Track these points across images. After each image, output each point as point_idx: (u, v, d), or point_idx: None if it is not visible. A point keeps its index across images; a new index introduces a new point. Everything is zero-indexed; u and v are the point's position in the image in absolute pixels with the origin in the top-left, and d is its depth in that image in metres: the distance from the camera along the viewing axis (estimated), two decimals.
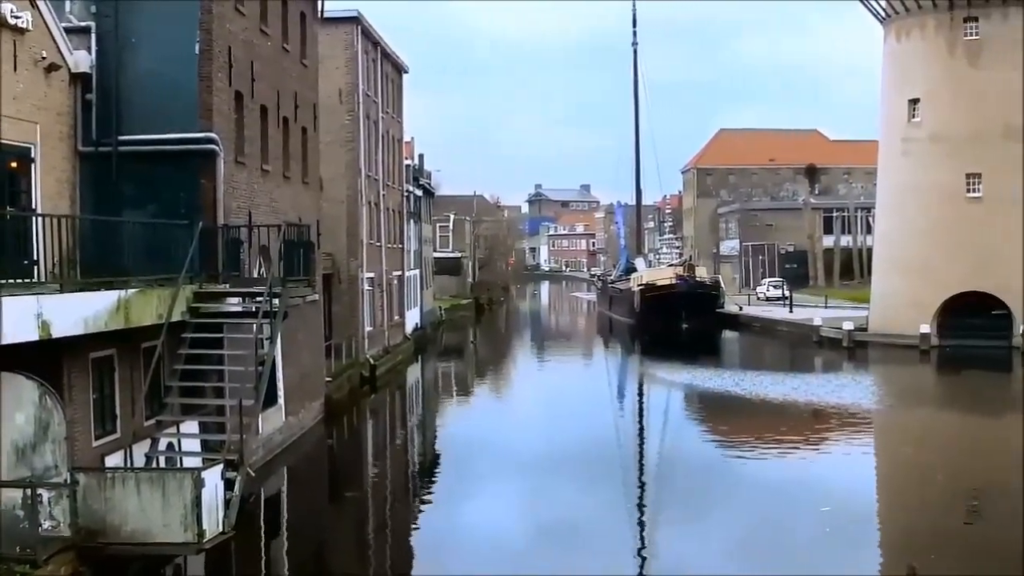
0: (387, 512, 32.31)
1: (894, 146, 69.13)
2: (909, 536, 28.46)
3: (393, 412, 53.62)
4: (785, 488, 33.12)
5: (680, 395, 55.18)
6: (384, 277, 63.81)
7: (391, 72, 68.84)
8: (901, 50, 68.41)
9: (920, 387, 58.40)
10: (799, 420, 45.70)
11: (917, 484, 34.88)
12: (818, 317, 76.29)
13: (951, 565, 25.16)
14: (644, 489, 34.09)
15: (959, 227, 65.03)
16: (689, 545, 26.96)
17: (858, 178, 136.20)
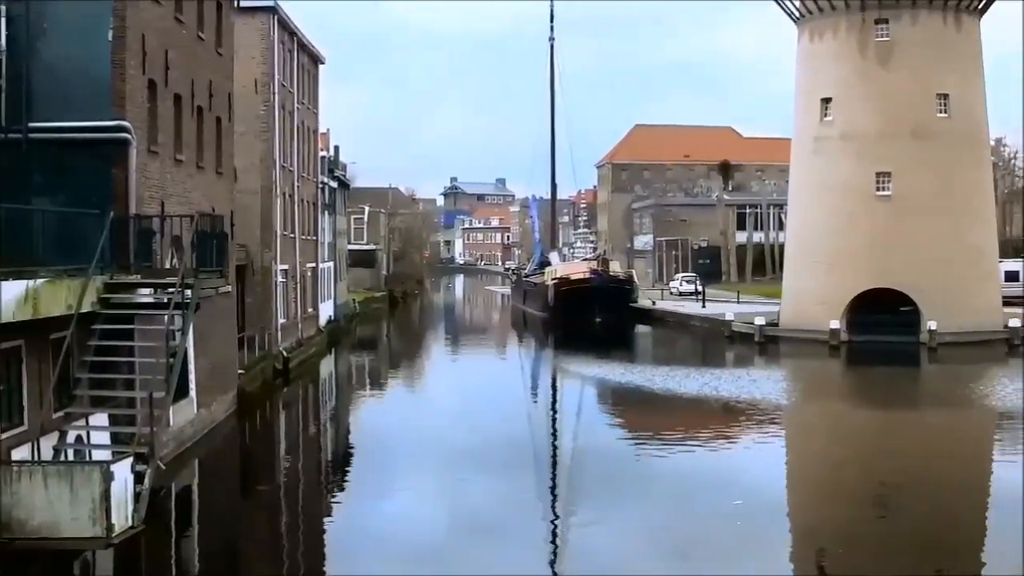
0: (300, 506, 32.10)
1: (806, 144, 69.72)
2: (819, 530, 28.69)
3: (306, 405, 53.41)
4: (697, 482, 33.25)
5: (593, 389, 55.35)
6: (298, 269, 63.46)
7: (307, 63, 68.45)
8: (814, 50, 68.99)
9: (830, 382, 59.03)
10: (711, 414, 45.95)
11: (827, 478, 35.23)
12: (730, 312, 76.71)
13: (860, 558, 25.39)
14: (557, 483, 34.11)
15: (869, 225, 65.73)
16: (601, 539, 26.98)
17: (771, 175, 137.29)
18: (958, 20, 66.58)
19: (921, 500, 30.82)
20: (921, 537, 27.04)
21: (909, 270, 64.83)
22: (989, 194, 71.44)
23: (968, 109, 67.50)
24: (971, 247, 66.80)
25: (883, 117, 65.67)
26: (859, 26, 66.11)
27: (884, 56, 65.84)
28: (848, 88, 66.91)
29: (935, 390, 55.77)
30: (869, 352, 63.45)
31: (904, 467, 35.91)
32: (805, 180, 70.33)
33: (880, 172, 65.87)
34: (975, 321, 65.47)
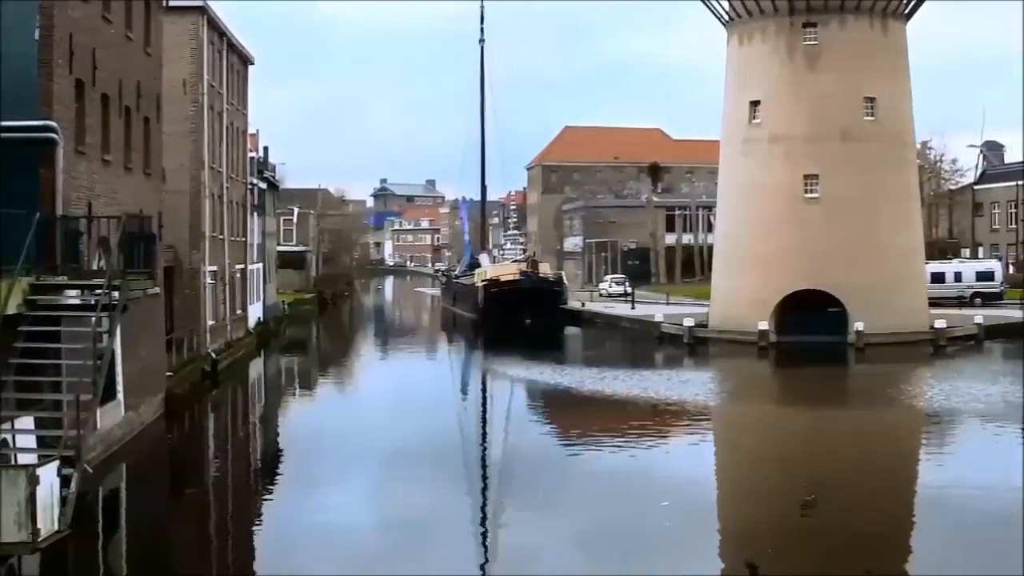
0: (229, 509, 31.96)
1: (735, 146, 70.07)
2: (748, 529, 28.89)
3: (235, 407, 53.16)
4: (627, 482, 33.35)
5: (523, 390, 55.38)
6: (227, 271, 63.16)
7: (237, 63, 68.16)
8: (743, 53, 69.36)
9: (759, 382, 59.39)
10: (640, 415, 45.98)
11: (756, 478, 35.46)
12: (660, 314, 76.96)
13: (788, 557, 25.64)
14: (487, 484, 34.12)
15: (797, 227, 66.12)
16: (531, 540, 27.00)
17: (700, 177, 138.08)
18: (885, 25, 67.15)
19: (849, 500, 31.07)
20: (849, 536, 27.21)
21: (836, 271, 65.28)
22: (915, 196, 72.02)
23: (894, 112, 68.10)
24: (898, 249, 67.32)
25: (811, 120, 66.10)
26: (787, 30, 66.50)
27: (812, 60, 66.29)
28: (776, 91, 67.32)
29: (862, 390, 56.17)
30: (797, 353, 63.88)
31: (832, 467, 36.21)
32: (734, 182, 70.68)
33: (808, 174, 66.29)
34: (902, 322, 66.04)
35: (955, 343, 67.06)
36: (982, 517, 28.46)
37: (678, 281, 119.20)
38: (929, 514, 29.63)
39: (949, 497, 31.06)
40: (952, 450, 39.54)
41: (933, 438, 41.92)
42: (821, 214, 65.75)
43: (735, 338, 67.59)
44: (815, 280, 65.65)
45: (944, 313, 71.08)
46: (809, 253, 65.59)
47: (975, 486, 32.18)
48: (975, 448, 39.53)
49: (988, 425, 42.83)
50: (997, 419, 43.59)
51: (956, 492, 31.52)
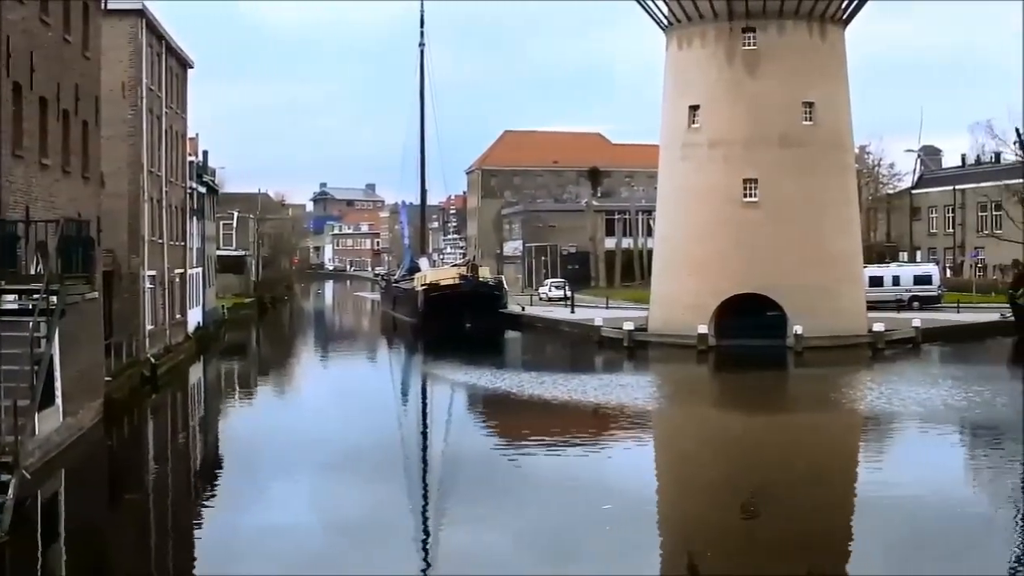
0: (169, 515, 31.73)
1: (674, 151, 70.30)
2: (689, 532, 29.00)
3: (175, 412, 52.82)
4: (567, 486, 33.34)
5: (463, 394, 55.35)
6: (166, 275, 62.85)
7: (176, 67, 67.81)
8: (682, 57, 69.61)
9: (698, 385, 59.62)
10: (581, 419, 46.08)
11: (696, 480, 35.57)
12: (599, 317, 77.14)
13: (730, 559, 25.75)
14: (428, 487, 34.07)
15: (736, 231, 66.44)
16: (472, 544, 26.97)
17: (640, 181, 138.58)
18: (823, 30, 67.60)
19: (789, 501, 31.28)
20: (790, 537, 27.41)
21: (775, 275, 65.66)
22: (854, 200, 72.57)
23: (833, 117, 68.56)
24: (836, 252, 67.79)
25: (750, 124, 66.45)
26: (726, 35, 66.81)
27: (751, 65, 66.64)
28: (715, 96, 67.61)
29: (802, 394, 56.58)
30: (737, 356, 64.17)
31: (772, 469, 36.44)
32: (673, 186, 70.92)
33: (747, 179, 66.63)
34: (840, 325, 66.50)
35: (893, 346, 67.52)
36: (920, 517, 28.75)
37: (618, 285, 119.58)
38: (868, 515, 29.84)
39: (888, 498, 31.27)
40: (891, 452, 39.82)
41: (872, 440, 42.20)
42: (760, 218, 66.09)
43: (674, 342, 67.82)
44: (754, 284, 66.01)
45: (882, 316, 71.83)
46: (748, 257, 65.92)
47: (913, 487, 32.44)
48: (913, 450, 39.85)
49: (926, 427, 43.19)
50: (935, 422, 43.98)
51: (895, 493, 31.75)
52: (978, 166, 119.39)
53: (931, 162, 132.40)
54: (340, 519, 29.46)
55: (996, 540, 26.96)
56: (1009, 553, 25.99)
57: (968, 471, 36.82)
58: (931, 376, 57.83)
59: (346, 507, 30.81)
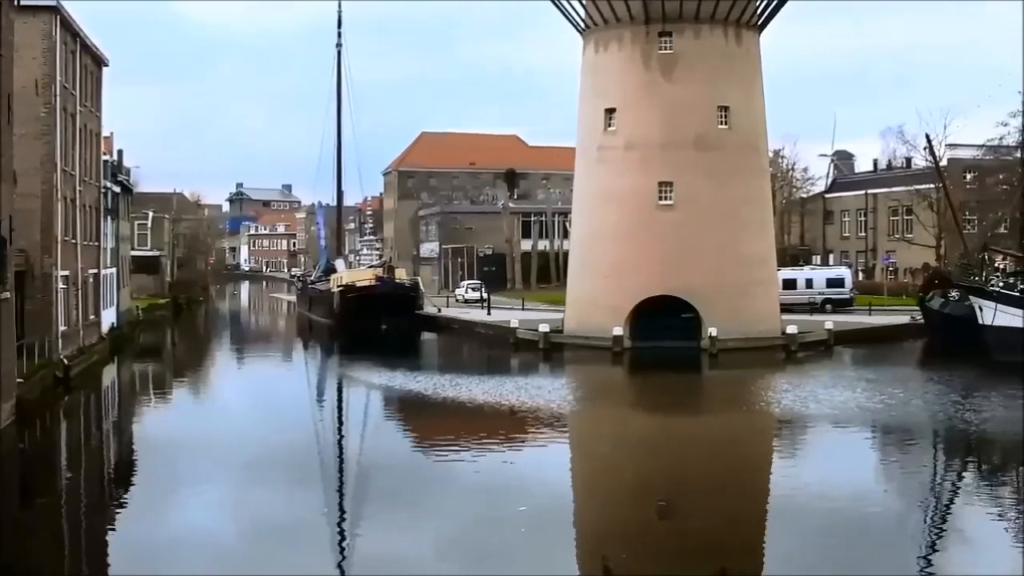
0: (82, 518, 31.47)
1: (591, 153, 70.53)
2: (604, 533, 29.14)
3: (88, 414, 52.35)
4: (484, 488, 33.40)
5: (379, 396, 55.26)
6: (80, 275, 62.26)
7: (91, 64, 67.22)
8: (599, 60, 69.83)
9: (613, 387, 59.83)
10: (497, 421, 46.06)
11: (611, 482, 35.72)
12: (515, 319, 77.22)
13: (645, 560, 25.93)
14: (344, 490, 34.02)
15: (651, 233, 66.76)
16: (388, 546, 26.97)
17: (556, 183, 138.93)
18: (739, 35, 68.10)
19: (704, 502, 31.51)
20: (704, 538, 27.62)
21: (690, 277, 66.07)
22: (768, 204, 73.18)
23: (748, 121, 69.07)
24: (750, 255, 68.31)
25: (666, 128, 66.76)
26: (643, 38, 67.09)
27: (667, 68, 66.97)
28: (632, 99, 67.89)
29: (716, 396, 56.92)
30: (652, 358, 64.46)
31: (686, 470, 36.72)
32: (589, 189, 71.16)
33: (662, 182, 66.94)
34: (754, 327, 67.04)
35: (806, 349, 68.11)
36: (833, 518, 29.06)
37: (534, 287, 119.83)
38: (782, 516, 30.17)
39: (802, 499, 31.65)
40: (804, 453, 40.22)
41: (786, 442, 42.58)
42: (675, 221, 66.42)
43: (590, 343, 68.05)
44: (669, 286, 66.37)
45: (796, 319, 72.39)
46: (663, 259, 66.26)
47: (826, 488, 32.80)
48: (827, 452, 40.27)
49: (839, 429, 43.69)
50: (848, 423, 44.52)
51: (808, 494, 32.13)
52: (890, 171, 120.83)
53: (844, 167, 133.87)
54: (256, 522, 29.34)
55: (907, 540, 27.38)
56: (919, 553, 26.41)
57: (880, 472, 37.32)
58: (844, 378, 58.38)
59: (262, 510, 30.66)
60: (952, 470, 38.15)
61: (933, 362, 67.48)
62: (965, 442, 41.21)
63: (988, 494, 33.39)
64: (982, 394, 51.16)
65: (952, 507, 31.94)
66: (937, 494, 33.70)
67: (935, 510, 31.26)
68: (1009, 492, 33.79)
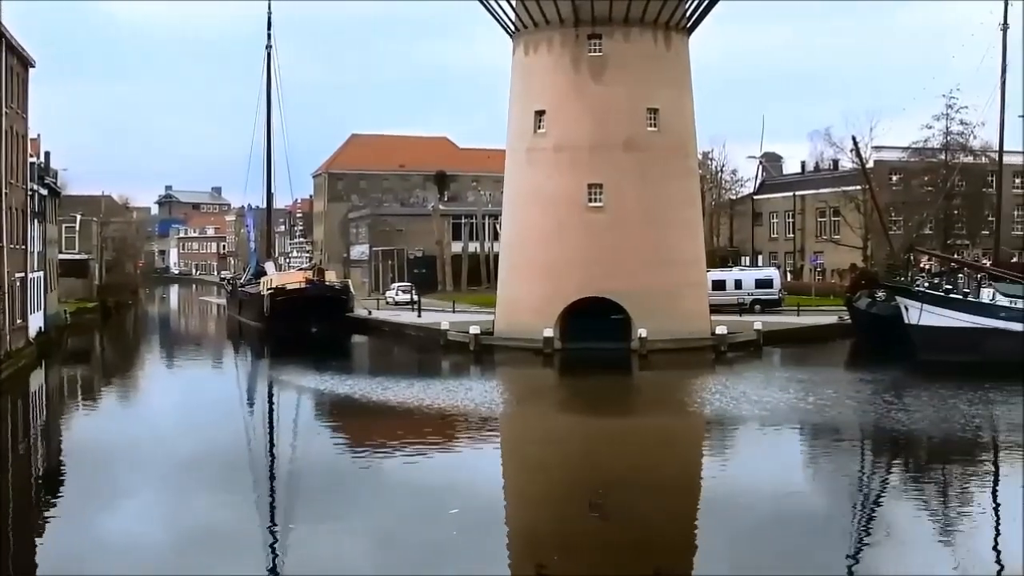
0: (9, 524, 31.22)
1: (520, 155, 70.66)
2: (537, 534, 29.23)
3: (15, 420, 51.80)
4: (415, 491, 33.32)
5: (310, 400, 55.12)
6: (6, 279, 61.67)
7: (16, 65, 66.59)
8: (529, 63, 69.98)
9: (544, 389, 59.92)
10: (427, 423, 45.93)
11: (543, 483, 35.84)
12: (446, 321, 77.26)
13: (578, 561, 26.07)
14: (276, 493, 33.92)
15: (581, 235, 67.01)
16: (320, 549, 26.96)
17: (486, 185, 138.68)
18: (668, 38, 68.44)
19: (635, 502, 31.65)
20: (636, 538, 27.78)
21: (620, 279, 66.34)
22: (697, 205, 73.60)
23: (677, 123, 69.44)
24: (680, 256, 68.66)
25: (595, 130, 67.02)
26: (573, 41, 67.30)
27: (597, 71, 67.21)
28: (562, 101, 68.08)
29: (646, 397, 57.19)
30: (582, 359, 64.65)
31: (618, 471, 36.82)
32: (519, 191, 71.29)
33: (592, 183, 67.17)
34: (684, 328, 67.40)
35: (736, 349, 68.64)
36: (764, 517, 29.43)
37: (464, 289, 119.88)
38: (714, 515, 30.45)
39: (732, 498, 31.92)
40: (735, 453, 40.51)
41: (716, 442, 42.86)
42: (605, 222, 66.68)
43: (520, 345, 68.20)
44: (599, 287, 66.62)
45: (725, 319, 72.96)
46: (593, 261, 66.50)
47: (756, 487, 33.13)
48: (756, 451, 40.55)
49: (768, 429, 44.03)
50: (777, 423, 44.93)
51: (739, 493, 32.41)
52: (817, 173, 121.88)
53: (772, 168, 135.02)
54: (186, 527, 29.24)
55: (835, 538, 27.69)
56: (847, 550, 26.74)
57: (809, 471, 37.76)
58: (772, 378, 58.94)
59: (192, 514, 30.55)
60: (880, 468, 38.59)
61: (860, 361, 68.07)
62: (893, 441, 41.62)
63: (915, 492, 33.80)
64: (912, 393, 51.79)
65: (880, 505, 32.32)
66: (865, 492, 34.12)
67: (863, 508, 31.63)
68: (935, 490, 34.22)
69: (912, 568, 25.98)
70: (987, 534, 28.65)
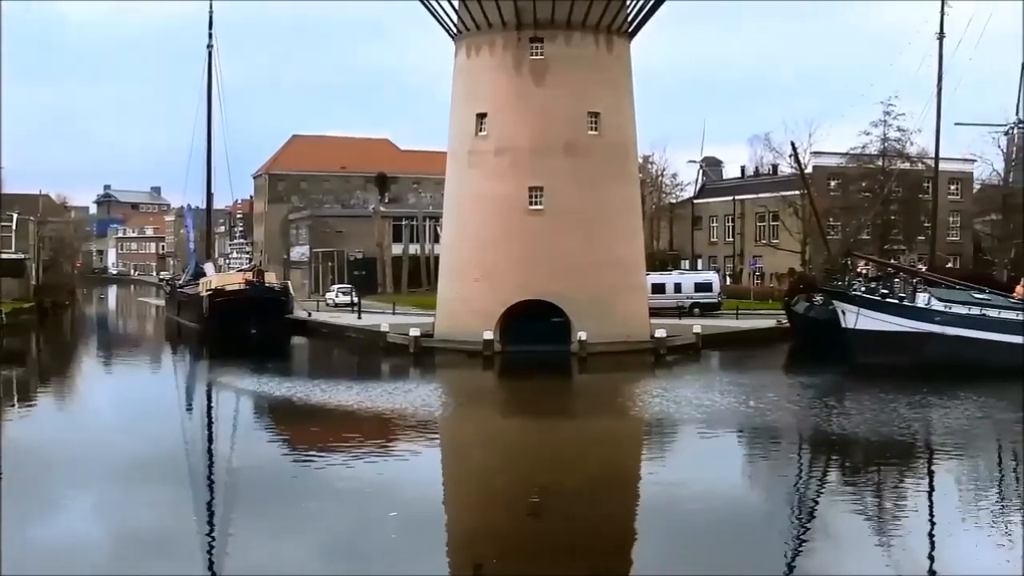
0: None
1: (462, 158, 70.65)
2: (476, 537, 29.25)
3: None
4: (354, 494, 33.26)
5: (249, 402, 54.93)
6: None
7: None
8: (470, 65, 69.97)
9: (484, 391, 60.02)
10: (367, 426, 45.89)
11: (482, 486, 35.86)
12: (386, 323, 77.19)
13: (517, 564, 26.14)
14: (215, 496, 33.80)
15: (521, 238, 67.10)
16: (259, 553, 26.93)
17: (427, 187, 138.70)
18: (610, 42, 68.63)
19: (574, 505, 31.71)
20: (575, 541, 27.86)
21: (560, 282, 66.46)
22: (637, 209, 73.75)
23: (618, 127, 69.64)
24: (620, 260, 68.88)
25: (537, 133, 67.11)
26: (515, 44, 67.34)
27: (538, 74, 67.30)
28: (503, 104, 68.14)
29: (586, 399, 57.34)
30: (522, 362, 64.74)
31: (557, 474, 36.87)
32: (460, 193, 71.26)
33: (533, 187, 67.25)
34: (624, 331, 67.60)
35: (675, 352, 68.94)
36: (702, 518, 29.62)
37: (405, 291, 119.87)
38: (652, 516, 30.65)
39: (671, 500, 32.11)
40: (673, 456, 40.74)
41: (655, 445, 43.05)
42: (545, 225, 66.77)
43: (460, 348, 68.20)
44: (539, 290, 66.69)
45: (665, 323, 73.22)
46: (533, 264, 66.60)
47: (695, 489, 33.35)
48: (695, 453, 40.80)
49: (707, 431, 44.24)
50: (716, 426, 45.12)
51: (678, 495, 32.60)
52: (756, 177, 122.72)
53: (712, 173, 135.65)
54: (125, 531, 29.07)
55: (774, 538, 27.90)
56: (784, 550, 26.99)
57: (747, 473, 38.00)
58: (711, 381, 59.24)
59: (131, 519, 30.36)
60: (818, 469, 38.90)
61: (798, 365, 68.57)
62: (831, 444, 41.91)
63: (852, 493, 34.11)
64: (851, 396, 52.24)
65: (818, 506, 32.60)
66: (803, 493, 34.39)
67: (801, 509, 31.90)
68: (872, 491, 34.54)
69: (848, 568, 26.27)
70: (922, 535, 28.97)
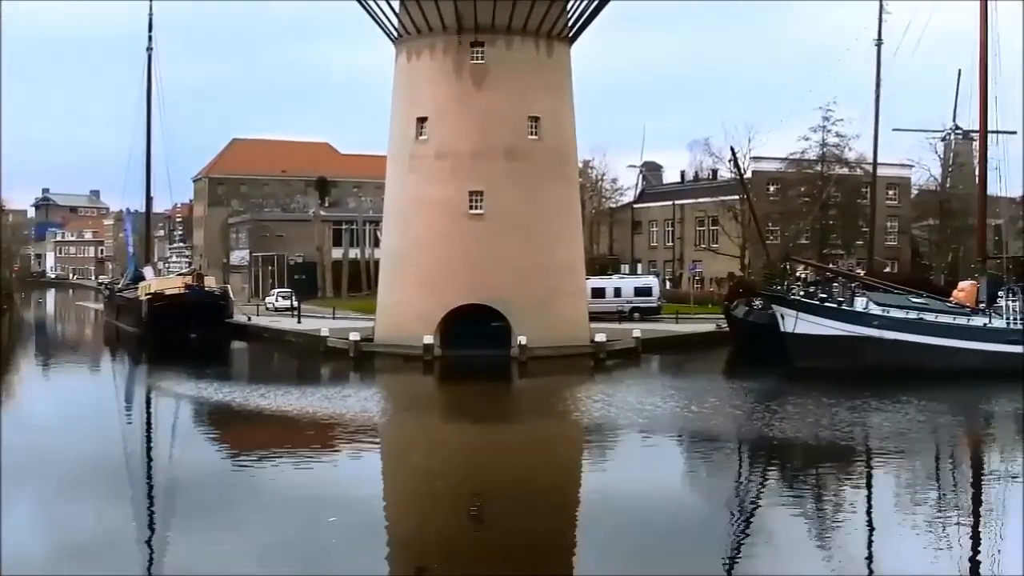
0: None
1: (402, 162, 70.60)
2: (417, 542, 29.23)
3: None
4: (294, 499, 33.17)
5: (188, 407, 54.65)
6: None
7: None
8: (411, 69, 69.91)
9: (424, 396, 60.02)
10: (306, 431, 45.77)
11: (423, 491, 35.75)
12: (326, 328, 77.10)
13: (457, 566, 26.25)
14: (153, 502, 33.65)
15: (461, 242, 67.14)
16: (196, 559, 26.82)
17: (368, 192, 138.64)
18: (550, 47, 68.79)
19: (515, 509, 31.83)
20: (516, 544, 27.95)
21: (500, 286, 66.51)
22: (577, 214, 73.98)
23: (558, 132, 69.81)
24: (559, 264, 69.03)
25: (477, 137, 67.15)
26: (455, 48, 67.36)
27: (479, 79, 67.35)
28: (444, 108, 68.13)
29: (526, 404, 57.42)
30: (462, 366, 64.80)
31: (498, 478, 37.02)
32: (400, 197, 71.19)
33: (473, 191, 67.28)
34: (563, 336, 67.75)
35: (615, 357, 69.14)
36: (643, 521, 29.83)
37: (345, 295, 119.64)
38: (593, 520, 30.76)
39: (612, 504, 32.23)
40: (614, 460, 40.86)
41: (596, 449, 43.14)
42: (485, 230, 66.81)
43: (401, 352, 68.11)
44: (479, 295, 66.72)
45: (604, 327, 73.39)
46: (473, 268, 66.64)
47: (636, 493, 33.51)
48: (635, 458, 40.92)
49: (647, 436, 44.43)
50: (655, 430, 45.35)
51: (619, 499, 32.76)
52: (696, 182, 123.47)
53: (652, 177, 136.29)
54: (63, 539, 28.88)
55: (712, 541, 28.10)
56: (723, 553, 27.19)
57: (687, 477, 38.29)
58: (651, 386, 59.60)
59: (69, 526, 30.17)
60: (757, 474, 39.18)
61: (738, 369, 69.02)
62: (770, 446, 42.18)
63: (792, 496, 34.38)
64: (791, 400, 52.60)
65: (757, 509, 32.86)
66: (742, 496, 34.65)
67: (740, 512, 32.15)
68: (811, 494, 34.80)
69: (787, 568, 26.46)
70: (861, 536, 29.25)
